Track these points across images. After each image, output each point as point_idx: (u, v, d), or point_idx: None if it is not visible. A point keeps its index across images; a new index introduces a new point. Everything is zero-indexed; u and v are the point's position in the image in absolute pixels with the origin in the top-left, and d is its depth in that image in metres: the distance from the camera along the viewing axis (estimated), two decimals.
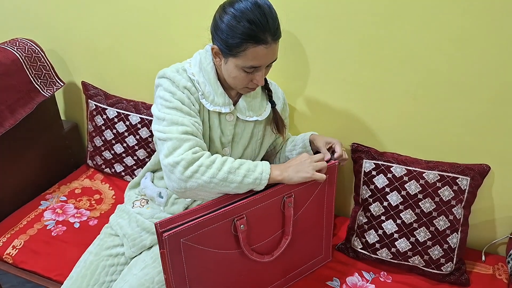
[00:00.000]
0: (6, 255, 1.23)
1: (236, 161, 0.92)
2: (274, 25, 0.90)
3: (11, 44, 1.38)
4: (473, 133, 1.14)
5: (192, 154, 0.88)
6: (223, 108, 1.01)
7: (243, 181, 0.89)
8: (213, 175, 0.87)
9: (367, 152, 1.20)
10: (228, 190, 0.90)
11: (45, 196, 1.46)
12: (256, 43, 0.88)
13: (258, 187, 0.92)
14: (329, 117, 1.28)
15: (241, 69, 0.93)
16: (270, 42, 0.89)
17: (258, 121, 1.10)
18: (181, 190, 0.89)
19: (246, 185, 0.90)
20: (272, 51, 0.92)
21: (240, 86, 0.98)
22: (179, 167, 0.87)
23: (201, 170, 0.87)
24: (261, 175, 0.91)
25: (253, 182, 0.90)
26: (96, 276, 1.04)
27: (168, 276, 0.87)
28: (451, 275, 1.13)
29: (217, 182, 0.88)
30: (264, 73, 0.97)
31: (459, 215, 1.12)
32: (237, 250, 0.94)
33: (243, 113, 1.05)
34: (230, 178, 0.88)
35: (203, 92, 0.99)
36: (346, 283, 1.13)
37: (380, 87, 1.17)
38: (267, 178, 0.91)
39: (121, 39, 1.44)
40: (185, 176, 0.87)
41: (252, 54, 0.90)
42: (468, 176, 1.11)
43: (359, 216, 1.22)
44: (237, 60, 0.92)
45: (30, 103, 1.37)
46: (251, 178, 0.90)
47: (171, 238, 0.82)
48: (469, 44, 1.03)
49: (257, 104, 1.08)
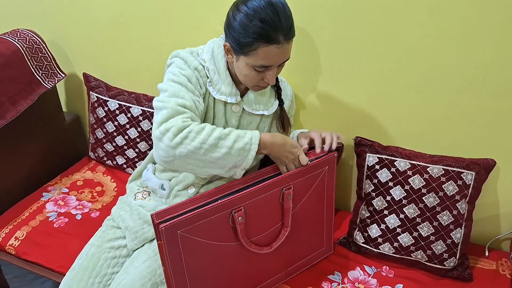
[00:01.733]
0: (8, 246, 1.24)
1: (226, 129, 0.91)
2: (287, 24, 0.88)
3: (12, 35, 1.37)
4: (479, 127, 1.12)
5: (182, 122, 0.87)
6: (229, 98, 1.01)
7: (233, 146, 0.88)
8: (203, 141, 0.86)
9: (371, 146, 1.19)
10: (218, 156, 0.88)
11: (47, 188, 1.47)
12: (268, 43, 0.87)
13: (249, 154, 0.90)
14: (332, 111, 1.27)
15: (252, 68, 0.92)
16: (282, 41, 0.88)
17: (264, 116, 1.09)
18: (169, 158, 0.86)
19: (236, 150, 0.89)
20: (284, 50, 0.91)
21: (250, 84, 0.98)
22: (168, 133, 0.85)
23: (191, 136, 0.86)
24: (250, 140, 0.91)
25: (243, 147, 0.90)
26: (98, 268, 1.04)
27: (166, 268, 0.86)
28: (454, 270, 1.12)
29: (207, 148, 0.86)
30: (275, 72, 0.95)
31: (463, 210, 1.11)
32: (235, 242, 0.94)
33: (249, 106, 1.05)
34: (220, 143, 0.87)
35: (212, 79, 0.99)
36: (347, 277, 1.13)
37: (384, 80, 1.16)
38: (256, 143, 0.91)
39: (122, 30, 1.43)
40: (174, 142, 0.85)
41: (263, 54, 0.89)
42: (473, 171, 1.10)
43: (362, 210, 1.21)
44: (248, 59, 0.91)
45: (32, 95, 1.37)
46: (241, 143, 0.89)
47: (168, 229, 0.81)
48: (476, 37, 1.01)
49: (265, 99, 1.08)
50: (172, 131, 0.85)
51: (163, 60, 1.04)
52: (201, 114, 0.97)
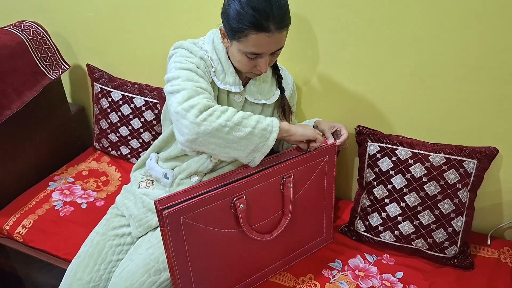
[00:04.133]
0: (16, 234, 1.27)
1: (247, 112, 0.92)
2: (280, 14, 0.88)
3: (16, 26, 1.38)
4: (481, 115, 1.11)
5: (207, 101, 0.87)
6: (233, 88, 1.01)
7: (256, 126, 0.89)
8: (228, 118, 0.85)
9: (372, 135, 1.19)
10: (241, 135, 0.87)
11: (53, 178, 1.49)
12: (258, 31, 0.87)
13: (270, 135, 0.91)
14: (333, 99, 1.27)
15: (243, 54, 0.93)
16: (273, 30, 0.88)
17: (266, 105, 1.10)
18: (193, 136, 0.84)
19: (259, 130, 0.89)
20: (275, 39, 0.90)
21: (244, 70, 0.99)
22: (193, 110, 0.84)
23: (216, 114, 0.85)
24: (272, 122, 0.92)
25: (266, 128, 0.90)
26: (103, 255, 1.06)
27: (169, 254, 0.88)
28: (454, 258, 1.12)
29: (232, 126, 0.86)
30: (268, 61, 0.96)
31: (465, 198, 1.10)
32: (237, 229, 0.95)
33: (252, 95, 1.06)
34: (244, 122, 0.88)
35: (216, 69, 1.00)
36: (348, 265, 1.14)
37: (386, 68, 1.15)
38: (277, 125, 0.92)
39: (125, 21, 1.43)
40: (199, 119, 0.83)
41: (254, 41, 0.89)
42: (475, 159, 1.09)
43: (363, 199, 1.21)
44: (240, 45, 0.92)
45: (36, 86, 1.38)
46: (263, 124, 0.90)
47: (171, 215, 0.82)
48: (478, 25, 1.00)
49: (266, 88, 1.08)
50: (197, 107, 0.84)
51: (166, 51, 1.04)
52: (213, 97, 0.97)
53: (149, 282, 0.97)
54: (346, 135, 1.07)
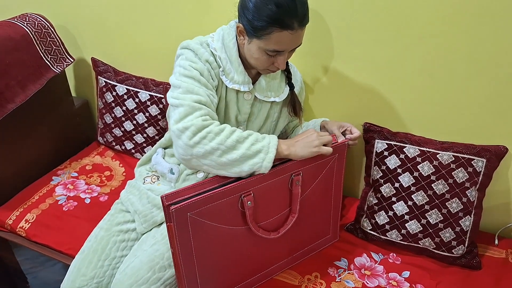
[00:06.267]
0: (19, 228, 1.26)
1: (245, 132, 0.90)
2: (302, 11, 0.87)
3: (21, 19, 1.37)
4: (491, 113, 1.10)
5: (202, 121, 0.86)
6: (242, 87, 1.00)
7: (250, 148, 0.87)
8: (221, 142, 0.85)
9: (380, 132, 1.18)
10: (234, 158, 0.86)
11: (56, 172, 1.48)
12: (282, 28, 0.86)
13: (267, 156, 0.88)
14: (341, 96, 1.25)
15: (263, 52, 0.92)
16: (296, 28, 0.87)
17: (275, 103, 1.09)
18: (187, 157, 0.87)
19: (254, 152, 0.87)
20: (297, 36, 0.90)
21: (261, 68, 0.98)
22: (187, 132, 0.85)
23: (209, 137, 0.85)
24: (269, 144, 0.89)
25: (261, 149, 0.88)
26: (107, 251, 1.06)
27: (175, 250, 0.87)
28: (462, 258, 1.11)
29: (224, 150, 0.85)
30: (286, 57, 0.95)
31: (473, 197, 1.09)
32: (244, 226, 0.94)
33: (261, 93, 1.05)
34: (237, 146, 0.87)
35: (224, 68, 0.99)
36: (354, 263, 1.13)
37: (395, 64, 1.13)
38: (274, 147, 0.89)
39: (130, 15, 1.42)
40: (193, 141, 0.85)
41: (277, 39, 0.88)
42: (484, 157, 1.08)
43: (369, 197, 1.20)
44: (261, 42, 0.90)
45: (41, 79, 1.37)
46: (259, 145, 0.88)
47: (178, 211, 0.81)
48: (488, 22, 0.98)
49: (275, 85, 1.07)
50: (191, 130, 0.85)
51: (171, 45, 1.03)
52: (215, 107, 0.97)
53: (153, 278, 0.97)
54: (358, 133, 1.05)
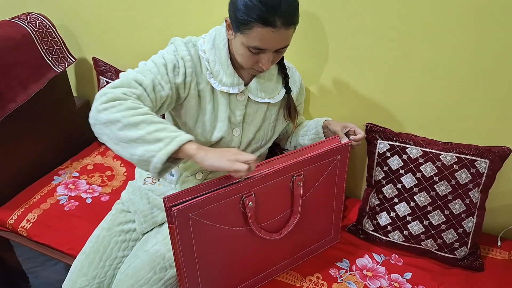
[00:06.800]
0: (20, 228, 1.26)
1: (160, 119, 0.84)
2: (288, 10, 0.85)
3: (22, 18, 1.36)
4: (494, 114, 1.09)
5: (121, 93, 0.85)
6: (231, 89, 0.99)
7: (153, 133, 0.80)
8: (125, 116, 0.80)
9: (382, 133, 1.17)
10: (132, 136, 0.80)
11: (58, 172, 1.48)
12: (263, 25, 0.85)
13: (165, 148, 0.79)
14: (343, 96, 1.25)
15: (246, 48, 0.91)
16: (279, 26, 0.85)
17: (271, 104, 1.08)
18: (92, 120, 0.84)
19: (154, 139, 0.80)
20: (281, 36, 0.88)
21: (246, 65, 0.96)
22: (103, 97, 0.83)
23: (119, 108, 0.82)
24: (176, 138, 0.80)
25: (163, 138, 0.80)
26: (109, 251, 1.05)
27: (176, 251, 0.87)
28: (464, 260, 1.11)
29: (126, 124, 0.80)
30: (271, 58, 0.93)
31: (476, 199, 1.08)
32: (245, 227, 0.94)
33: (254, 94, 1.03)
34: (141, 125, 0.81)
35: (212, 70, 0.98)
36: (355, 264, 1.12)
37: (398, 65, 1.13)
38: (180, 143, 0.80)
39: (132, 14, 1.42)
40: (102, 107, 0.82)
41: (258, 35, 0.87)
42: (487, 159, 1.07)
43: (371, 198, 1.19)
44: (243, 37, 0.89)
45: (42, 79, 1.37)
46: (163, 134, 0.80)
47: (180, 212, 0.81)
48: (491, 23, 0.98)
49: (271, 86, 1.06)
50: (107, 96, 0.84)
51: None
52: (160, 99, 0.93)
53: (154, 279, 0.96)
54: (362, 134, 1.04)
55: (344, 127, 1.06)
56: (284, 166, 0.92)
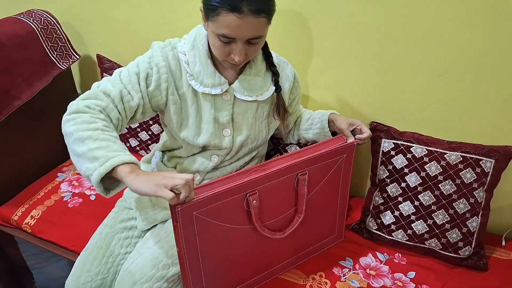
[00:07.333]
0: (25, 224, 1.26)
1: (111, 138, 0.84)
2: None
3: (27, 15, 1.37)
4: (500, 113, 1.08)
5: (84, 106, 0.88)
6: (213, 90, 0.97)
7: (94, 150, 0.80)
8: (77, 130, 0.83)
9: (387, 132, 1.16)
10: (78, 151, 0.82)
11: (61, 169, 1.49)
12: (229, 11, 0.81)
13: (99, 168, 0.79)
14: (348, 94, 1.24)
15: (216, 37, 0.87)
16: (245, 13, 0.81)
17: (262, 102, 1.04)
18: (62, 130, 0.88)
19: (92, 157, 0.80)
20: (248, 24, 0.83)
21: (220, 58, 0.92)
22: (69, 109, 0.89)
23: (75, 121, 0.85)
24: (111, 158, 0.80)
25: (99, 157, 0.79)
26: (112, 248, 1.06)
27: (180, 249, 0.87)
28: (468, 259, 1.10)
29: (75, 139, 0.83)
30: (244, 50, 0.88)
31: (481, 198, 1.08)
32: (249, 225, 0.94)
33: (240, 93, 1.00)
34: (87, 141, 0.82)
35: (192, 72, 0.96)
36: (359, 263, 1.12)
37: (402, 63, 1.12)
38: (113, 164, 0.79)
39: (136, 11, 1.42)
40: (65, 118, 0.88)
41: (224, 22, 0.83)
42: (493, 158, 1.07)
43: (375, 196, 1.19)
44: (212, 25, 0.86)
45: (47, 76, 1.37)
46: (101, 153, 0.80)
47: (184, 210, 0.81)
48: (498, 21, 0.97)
49: (258, 83, 1.02)
50: (71, 108, 0.88)
51: None
52: (129, 108, 0.94)
53: (157, 276, 0.96)
54: (368, 133, 1.03)
55: (350, 125, 1.05)
56: (289, 165, 0.92)
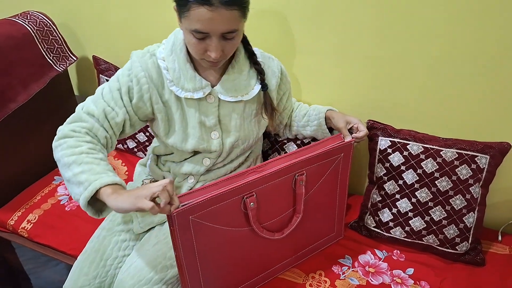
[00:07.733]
0: (21, 229, 1.25)
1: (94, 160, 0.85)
2: None
3: (22, 17, 1.36)
4: (494, 110, 1.10)
5: (69, 130, 0.90)
6: (195, 94, 0.95)
7: (78, 175, 0.82)
8: (63, 155, 0.86)
9: (383, 129, 1.17)
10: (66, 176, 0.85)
11: (58, 172, 1.48)
12: (199, 4, 0.79)
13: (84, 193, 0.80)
14: (345, 93, 1.25)
15: (190, 34, 0.85)
16: (216, 5, 0.79)
17: (248, 102, 1.02)
18: None
19: (77, 182, 0.82)
20: (221, 17, 0.81)
21: (197, 56, 0.91)
22: (57, 134, 0.91)
23: (62, 147, 0.88)
24: (94, 182, 0.80)
25: (83, 182, 0.81)
26: (109, 251, 1.05)
27: (178, 253, 0.86)
28: (466, 255, 1.11)
29: (62, 164, 0.86)
30: (220, 46, 0.86)
31: (477, 194, 1.09)
32: (247, 227, 0.93)
33: (224, 94, 0.98)
34: (72, 166, 0.84)
35: (173, 78, 0.95)
36: (358, 261, 1.13)
37: (398, 60, 1.13)
38: (95, 187, 0.79)
39: (132, 12, 1.42)
40: (54, 145, 0.91)
41: (195, 16, 0.81)
42: (488, 154, 1.08)
43: (373, 194, 1.20)
44: (185, 21, 0.84)
45: (43, 78, 1.37)
46: (84, 177, 0.81)
47: (180, 215, 0.80)
48: (493, 19, 0.98)
49: (242, 82, 0.99)
50: (58, 134, 0.91)
51: None
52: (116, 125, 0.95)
53: (156, 279, 0.96)
54: (364, 131, 1.03)
55: (347, 123, 1.05)
56: (286, 166, 0.91)
